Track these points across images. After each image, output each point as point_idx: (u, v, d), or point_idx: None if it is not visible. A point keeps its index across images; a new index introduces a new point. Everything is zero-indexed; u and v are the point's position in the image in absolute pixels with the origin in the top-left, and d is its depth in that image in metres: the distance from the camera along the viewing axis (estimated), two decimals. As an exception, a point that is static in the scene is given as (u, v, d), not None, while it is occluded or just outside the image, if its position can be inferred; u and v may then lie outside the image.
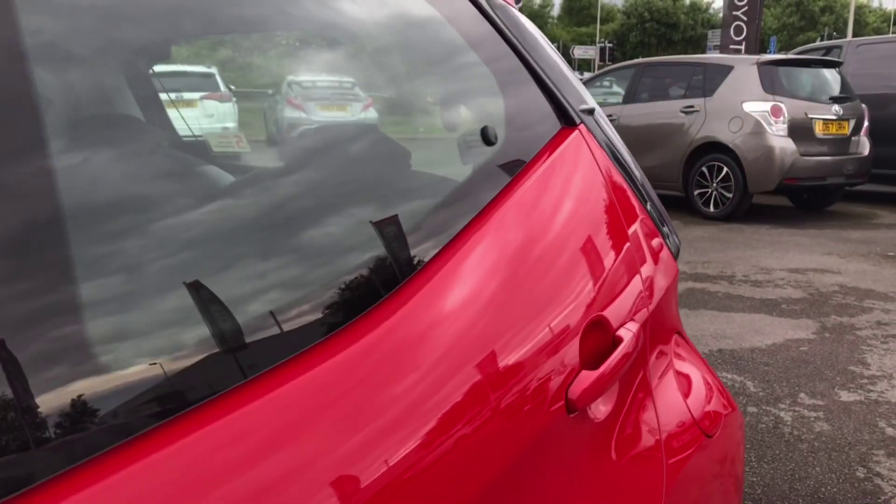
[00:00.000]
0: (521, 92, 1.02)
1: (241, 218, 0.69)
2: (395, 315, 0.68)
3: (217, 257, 0.64)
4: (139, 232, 0.59)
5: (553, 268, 0.88)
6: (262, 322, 0.63)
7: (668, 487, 1.02)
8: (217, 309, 0.61)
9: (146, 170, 0.68)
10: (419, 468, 0.64)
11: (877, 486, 2.71)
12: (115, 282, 0.55)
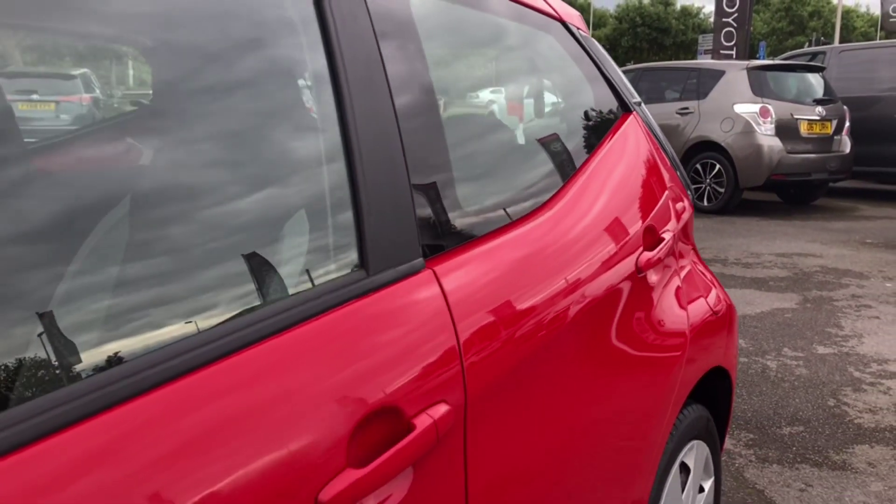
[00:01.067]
0: (599, 90, 1.67)
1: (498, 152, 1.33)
2: (559, 202, 1.33)
3: (467, 174, 1.27)
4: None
5: (630, 188, 1.53)
6: (496, 207, 1.27)
7: (691, 334, 1.67)
8: (480, 195, 1.24)
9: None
10: (582, 289, 1.28)
11: (843, 411, 3.36)
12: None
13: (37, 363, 0.66)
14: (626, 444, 1.48)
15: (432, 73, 1.14)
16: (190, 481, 0.68)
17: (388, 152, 1.00)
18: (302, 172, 0.97)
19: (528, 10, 1.51)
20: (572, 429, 1.27)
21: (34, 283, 0.68)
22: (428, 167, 1.08)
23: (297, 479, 0.77)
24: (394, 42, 1.07)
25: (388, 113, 1.02)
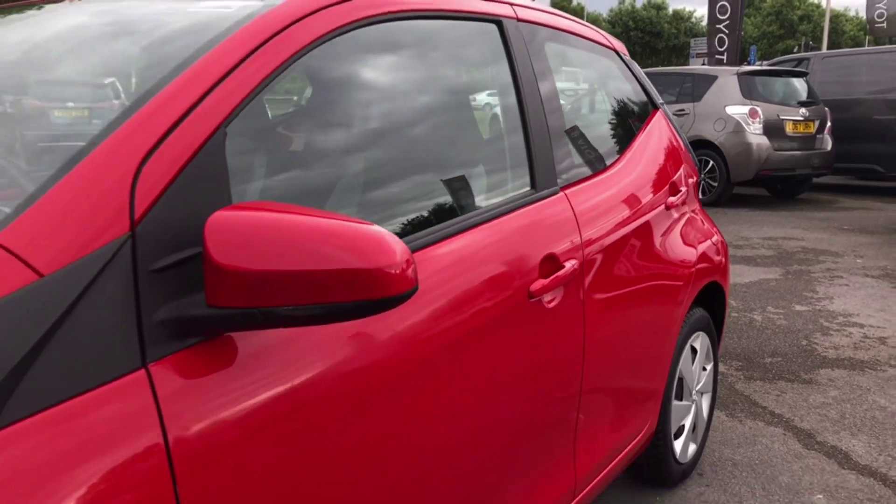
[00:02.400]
0: (639, 94, 2.55)
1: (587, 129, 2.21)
2: (630, 154, 2.21)
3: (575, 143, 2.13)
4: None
5: (660, 157, 2.41)
6: (590, 162, 2.13)
7: (699, 253, 2.54)
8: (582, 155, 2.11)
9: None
10: (637, 213, 2.16)
11: (813, 348, 4.24)
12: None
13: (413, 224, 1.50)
14: (661, 323, 2.34)
15: (554, 85, 2.02)
16: (461, 281, 1.51)
17: (541, 129, 1.88)
18: (506, 137, 1.84)
19: (596, 44, 2.40)
20: (633, 303, 2.14)
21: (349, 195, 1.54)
22: (559, 138, 1.96)
23: (521, 282, 1.64)
24: (540, 66, 1.95)
25: (538, 104, 1.89)
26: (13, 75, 1.53)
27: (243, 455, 1.06)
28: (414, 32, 1.63)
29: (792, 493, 2.69)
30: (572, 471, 1.93)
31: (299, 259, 0.99)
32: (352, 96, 1.48)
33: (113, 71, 1.45)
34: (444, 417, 1.41)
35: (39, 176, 1.04)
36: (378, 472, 1.26)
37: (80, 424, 0.91)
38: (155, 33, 1.44)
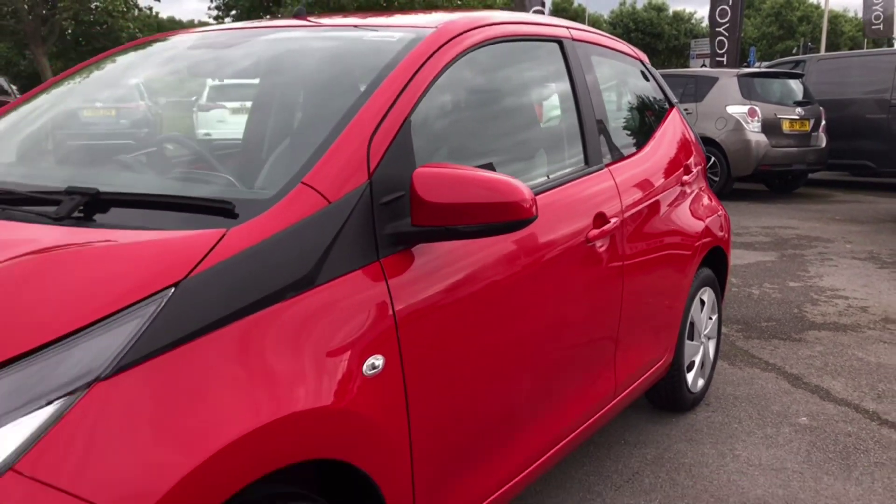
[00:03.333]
0: (658, 95, 3.20)
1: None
2: (654, 141, 2.86)
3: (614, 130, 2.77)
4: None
5: (676, 144, 3.06)
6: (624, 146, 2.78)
7: (706, 222, 3.19)
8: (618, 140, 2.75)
9: None
10: (662, 187, 2.81)
11: (803, 315, 4.89)
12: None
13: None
14: (676, 275, 2.98)
15: (599, 87, 2.67)
16: (549, 223, 2.16)
17: (591, 121, 2.53)
18: (567, 126, 2.49)
19: (627, 55, 3.06)
20: (656, 256, 2.78)
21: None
22: (603, 128, 2.61)
23: (582, 229, 2.29)
24: (588, 73, 2.61)
25: (588, 102, 2.55)
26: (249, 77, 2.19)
27: (431, 312, 1.71)
28: (509, 50, 2.29)
29: (781, 416, 3.33)
30: (613, 378, 2.58)
31: (469, 195, 1.64)
32: (473, 95, 2.14)
33: (329, 78, 2.08)
34: (541, 312, 2.07)
35: (309, 143, 1.68)
36: (502, 335, 1.92)
37: (352, 287, 1.56)
38: (351, 53, 2.09)
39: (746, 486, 2.73)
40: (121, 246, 1.40)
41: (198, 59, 2.38)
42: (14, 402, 1.12)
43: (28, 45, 30.59)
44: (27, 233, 1.47)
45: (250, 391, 1.33)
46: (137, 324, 1.24)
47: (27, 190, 1.70)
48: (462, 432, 1.84)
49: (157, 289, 1.29)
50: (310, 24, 2.36)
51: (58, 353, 1.18)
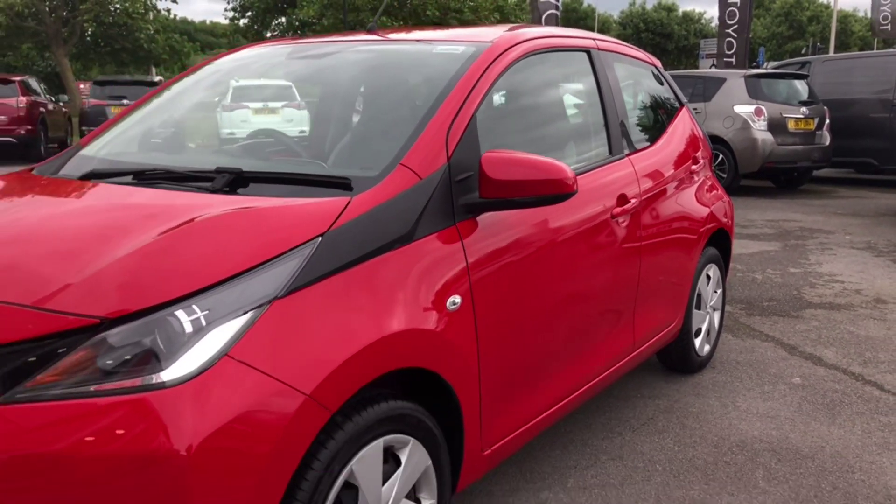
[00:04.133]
0: (669, 95, 3.69)
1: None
2: (666, 135, 3.34)
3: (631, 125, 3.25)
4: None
5: (686, 139, 3.54)
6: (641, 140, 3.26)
7: (711, 205, 3.68)
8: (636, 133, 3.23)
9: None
10: (673, 175, 3.29)
11: (801, 296, 5.36)
12: None
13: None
14: (685, 250, 3.46)
15: (620, 89, 3.16)
16: (583, 201, 2.65)
17: (614, 117, 3.02)
18: (594, 121, 2.98)
19: (643, 61, 3.54)
20: (668, 233, 3.26)
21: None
22: (623, 123, 3.09)
23: (609, 207, 2.78)
24: (612, 77, 3.09)
25: (612, 101, 3.03)
26: (343, 84, 2.69)
27: (493, 266, 2.19)
28: (547, 59, 2.78)
29: (777, 377, 3.81)
30: (632, 334, 3.07)
31: (524, 174, 2.12)
32: (521, 96, 2.64)
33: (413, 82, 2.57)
34: (575, 271, 2.56)
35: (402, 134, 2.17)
36: (545, 287, 2.41)
37: (438, 244, 2.05)
38: (427, 62, 2.58)
39: (745, 428, 3.20)
40: (277, 207, 1.90)
41: (299, 67, 2.88)
42: (223, 310, 1.62)
43: (49, 46, 31.27)
44: (202, 200, 1.97)
45: (373, 312, 1.82)
46: (299, 261, 1.74)
47: (185, 170, 2.20)
48: (514, 361, 2.32)
49: (309, 237, 1.78)
50: (381, 38, 2.86)
51: (248, 279, 1.67)
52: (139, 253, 1.72)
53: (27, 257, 1.79)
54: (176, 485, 1.50)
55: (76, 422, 1.51)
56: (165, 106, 2.94)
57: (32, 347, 1.58)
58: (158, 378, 1.54)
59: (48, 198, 2.22)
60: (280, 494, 1.62)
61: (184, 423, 1.51)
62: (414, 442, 1.94)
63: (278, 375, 1.61)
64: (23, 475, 1.49)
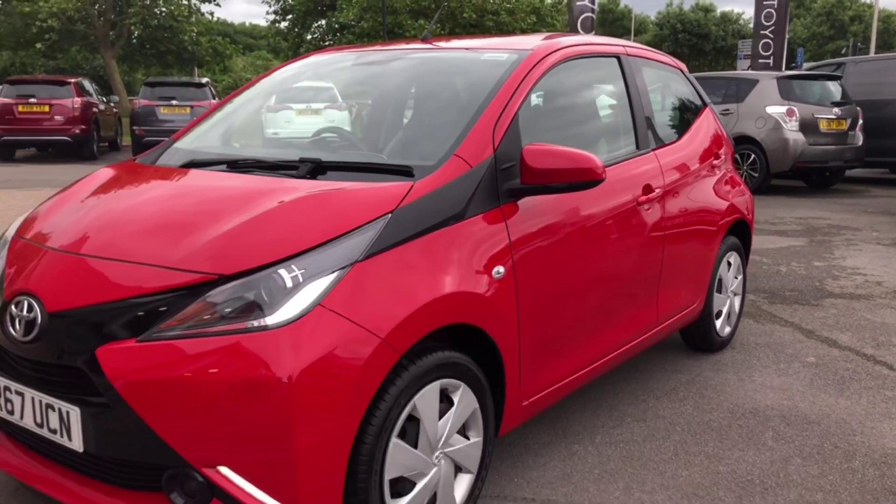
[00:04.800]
0: (694, 96, 4.02)
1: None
2: (690, 132, 3.69)
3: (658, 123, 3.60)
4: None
5: (709, 135, 3.88)
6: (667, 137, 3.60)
7: (732, 197, 4.01)
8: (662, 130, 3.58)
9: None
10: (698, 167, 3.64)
11: (823, 287, 5.64)
12: None
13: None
14: (706, 237, 3.79)
15: (647, 90, 3.51)
16: (611, 189, 3.01)
17: (641, 115, 3.37)
18: (623, 119, 3.33)
19: (669, 65, 3.89)
20: (690, 220, 3.59)
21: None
22: (650, 121, 3.44)
23: (635, 195, 3.14)
24: (640, 80, 3.45)
25: (639, 101, 3.38)
26: (400, 87, 3.09)
27: (532, 242, 2.56)
28: (581, 65, 3.15)
29: (793, 357, 4.12)
30: (656, 311, 3.41)
31: (560, 163, 2.49)
32: (558, 97, 3.00)
33: (463, 84, 2.95)
34: (604, 250, 2.92)
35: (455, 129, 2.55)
36: (577, 263, 2.77)
37: (485, 222, 2.43)
38: (475, 67, 2.96)
39: (759, 398, 3.53)
40: (355, 190, 2.29)
41: (365, 72, 3.29)
42: (315, 270, 2.01)
43: (98, 48, 32.25)
44: (291, 184, 2.37)
45: (432, 275, 2.20)
46: (374, 233, 2.12)
47: (273, 160, 2.61)
48: (550, 327, 2.69)
49: (381, 214, 2.17)
50: (434, 47, 3.25)
51: (335, 245, 2.06)
52: (247, 224, 2.12)
53: (156, 228, 2.21)
54: (279, 407, 1.90)
55: (200, 355, 1.91)
56: (241, 107, 3.35)
57: (165, 297, 1.99)
58: (264, 322, 1.94)
59: (161, 181, 2.65)
60: (359, 419, 2.01)
61: (284, 357, 1.91)
62: (464, 387, 2.32)
63: (359, 322, 2.00)
64: (160, 395, 1.90)
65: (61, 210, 2.53)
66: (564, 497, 2.64)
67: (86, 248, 2.21)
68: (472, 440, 2.39)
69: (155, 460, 1.96)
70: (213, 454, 1.90)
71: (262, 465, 1.92)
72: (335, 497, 1.99)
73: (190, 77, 24.76)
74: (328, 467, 1.96)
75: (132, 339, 1.96)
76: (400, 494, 2.18)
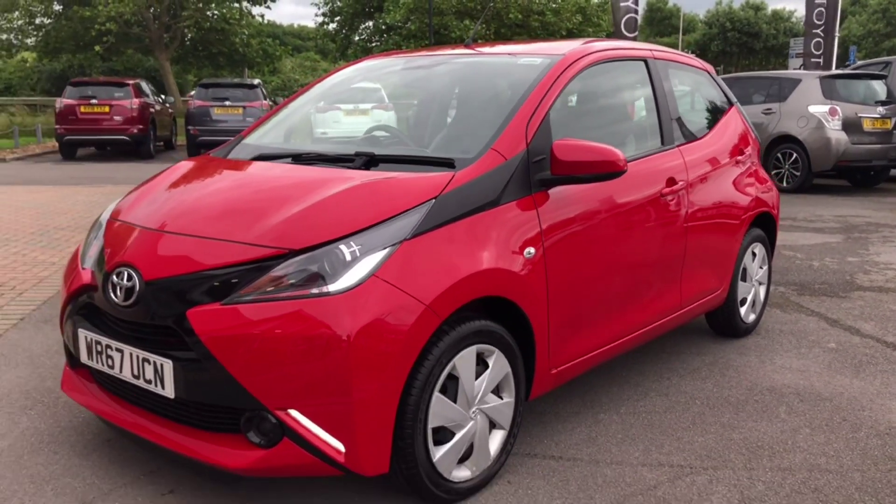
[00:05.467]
0: (721, 97, 4.28)
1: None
2: (715, 130, 3.95)
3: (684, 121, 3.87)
4: None
5: (735, 132, 4.13)
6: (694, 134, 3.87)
7: (757, 190, 4.26)
8: (690, 127, 3.85)
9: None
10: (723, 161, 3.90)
11: (853, 281, 5.81)
12: None
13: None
14: (731, 228, 4.04)
15: (673, 91, 3.79)
16: (636, 182, 3.30)
17: (667, 114, 3.65)
18: (650, 118, 3.62)
19: (696, 67, 4.15)
20: (714, 212, 3.85)
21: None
22: (675, 119, 3.72)
23: (658, 187, 3.42)
24: (666, 82, 3.73)
25: (665, 102, 3.67)
26: (445, 88, 3.43)
27: (561, 227, 2.87)
28: (610, 68, 3.45)
29: (815, 343, 4.34)
30: (679, 295, 3.68)
31: (586, 156, 2.79)
32: (587, 97, 3.31)
33: (502, 85, 3.28)
34: (629, 237, 3.21)
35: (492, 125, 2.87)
36: (603, 247, 3.07)
37: (518, 209, 2.74)
38: (512, 70, 3.29)
39: (777, 378, 3.78)
40: (404, 178, 2.63)
41: (413, 75, 3.63)
42: (370, 246, 2.35)
43: (152, 50, 33.32)
44: (347, 174, 2.72)
45: (471, 253, 2.53)
46: (420, 215, 2.46)
47: (332, 154, 2.97)
48: (576, 304, 2.99)
49: (427, 199, 2.51)
50: (476, 52, 3.58)
51: (387, 225, 2.40)
52: (312, 207, 2.48)
53: (234, 211, 2.58)
54: (339, 361, 2.24)
55: (273, 317, 2.27)
56: (300, 108, 3.73)
57: (243, 268, 2.35)
58: (326, 289, 2.28)
59: (235, 172, 3.02)
60: (406, 374, 2.34)
61: (344, 319, 2.25)
62: (498, 352, 2.64)
63: (408, 290, 2.33)
64: (241, 349, 2.26)
65: (150, 196, 2.93)
66: (588, 456, 2.94)
67: (175, 227, 2.60)
68: (504, 400, 2.71)
69: (235, 404, 2.32)
70: (285, 400, 2.25)
71: (325, 410, 2.26)
72: (386, 439, 2.33)
73: (241, 78, 25.48)
74: (381, 414, 2.30)
75: (217, 303, 2.32)
76: (441, 443, 2.51)
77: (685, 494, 2.67)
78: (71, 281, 2.83)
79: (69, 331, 2.77)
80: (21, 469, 2.82)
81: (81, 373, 2.88)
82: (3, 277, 5.69)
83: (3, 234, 7.42)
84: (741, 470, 2.85)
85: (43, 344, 4.20)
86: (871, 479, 2.79)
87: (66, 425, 3.19)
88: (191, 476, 2.75)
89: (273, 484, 2.70)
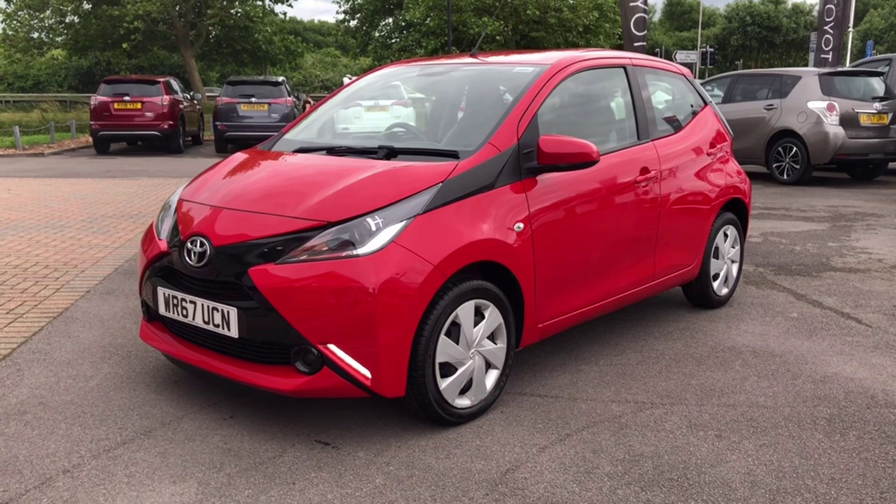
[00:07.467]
0: (696, 98, 4.90)
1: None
2: (688, 127, 4.57)
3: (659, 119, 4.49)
4: None
5: (705, 131, 4.75)
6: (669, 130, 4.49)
7: (727, 178, 4.87)
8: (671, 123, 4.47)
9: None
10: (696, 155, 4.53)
11: (829, 263, 6.40)
12: None
13: None
14: (702, 212, 4.65)
15: (649, 94, 4.42)
16: (613, 170, 3.94)
17: (643, 114, 4.28)
18: (628, 117, 4.25)
19: (672, 72, 4.78)
20: (686, 197, 4.47)
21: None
22: (651, 118, 4.34)
23: (633, 175, 4.06)
24: (644, 87, 4.36)
25: (642, 103, 4.30)
26: (452, 92, 4.09)
27: (546, 207, 3.52)
28: (595, 73, 4.09)
29: (779, 313, 4.96)
30: (653, 267, 4.32)
31: (566, 149, 3.44)
32: (572, 100, 3.96)
33: (499, 89, 3.93)
34: (606, 216, 3.86)
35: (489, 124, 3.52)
36: (583, 224, 3.71)
37: (510, 192, 3.40)
38: (508, 77, 3.94)
39: (739, 340, 4.40)
40: (418, 166, 3.29)
41: (426, 80, 4.30)
42: (390, 219, 3.01)
43: (178, 48, 34.21)
44: (372, 163, 3.39)
45: (471, 226, 3.18)
46: (430, 195, 3.11)
47: (359, 147, 3.64)
48: (559, 270, 3.63)
49: (436, 182, 3.16)
50: (480, 61, 4.23)
51: (403, 203, 3.06)
52: (344, 189, 3.15)
53: (283, 192, 3.26)
54: (366, 306, 2.90)
55: (316, 274, 2.94)
56: (332, 108, 4.40)
57: (292, 236, 3.03)
58: (356, 252, 2.95)
59: (281, 161, 3.70)
60: (418, 319, 3.00)
61: (370, 276, 2.91)
62: (492, 307, 3.29)
63: (420, 254, 2.99)
64: (292, 298, 2.93)
65: (212, 181, 3.61)
66: (568, 395, 3.59)
67: (236, 205, 3.28)
68: (498, 345, 3.37)
69: (286, 341, 2.99)
70: (325, 336, 2.92)
71: (356, 345, 2.93)
72: (403, 369, 2.99)
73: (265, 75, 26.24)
74: (398, 349, 2.97)
75: (271, 263, 2.99)
76: (446, 376, 3.16)
77: (644, 421, 3.31)
78: (149, 249, 3.52)
79: (149, 289, 3.46)
80: (110, 401, 3.52)
81: (156, 325, 3.57)
82: (66, 258, 6.43)
83: (58, 221, 8.18)
84: (693, 405, 3.49)
85: (109, 311, 4.90)
86: (798, 412, 3.42)
87: (139, 370, 3.89)
88: (245, 405, 3.43)
89: (310, 409, 3.37)
